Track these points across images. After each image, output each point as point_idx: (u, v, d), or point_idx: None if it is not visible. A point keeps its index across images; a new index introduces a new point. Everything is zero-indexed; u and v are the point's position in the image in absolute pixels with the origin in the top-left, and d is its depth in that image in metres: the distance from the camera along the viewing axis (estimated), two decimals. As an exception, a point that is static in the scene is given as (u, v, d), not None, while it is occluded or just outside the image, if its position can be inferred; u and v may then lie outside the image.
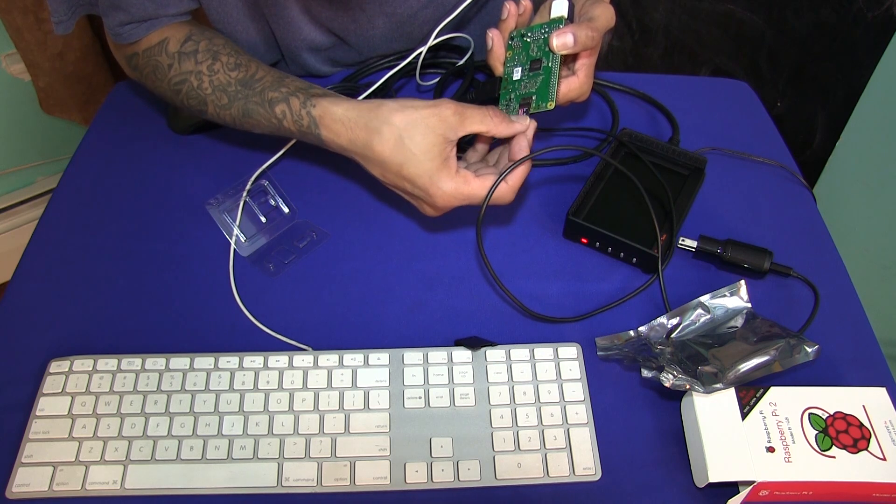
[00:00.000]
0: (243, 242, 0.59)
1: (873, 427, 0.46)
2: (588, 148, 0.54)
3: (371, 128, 0.50)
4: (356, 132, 0.50)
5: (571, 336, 0.55)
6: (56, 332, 0.54)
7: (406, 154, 0.49)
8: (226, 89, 0.55)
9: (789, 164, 0.69)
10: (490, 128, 0.51)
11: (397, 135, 0.49)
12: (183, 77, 0.56)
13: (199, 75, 0.56)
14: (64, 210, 0.63)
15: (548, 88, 0.56)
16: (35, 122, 1.33)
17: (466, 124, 0.50)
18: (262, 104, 0.54)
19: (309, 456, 0.47)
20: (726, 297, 0.55)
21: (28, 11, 1.12)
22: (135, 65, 0.60)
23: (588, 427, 0.49)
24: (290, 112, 0.53)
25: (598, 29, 0.55)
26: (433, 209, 0.52)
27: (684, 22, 1.26)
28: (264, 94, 0.54)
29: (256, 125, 0.56)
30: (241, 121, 0.56)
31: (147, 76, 0.59)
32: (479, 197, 0.50)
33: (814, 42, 1.11)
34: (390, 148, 0.49)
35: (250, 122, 0.56)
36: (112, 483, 0.46)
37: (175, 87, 0.57)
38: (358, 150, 0.51)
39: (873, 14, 1.01)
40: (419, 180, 0.49)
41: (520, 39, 0.59)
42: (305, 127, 0.53)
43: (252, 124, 0.56)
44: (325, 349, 0.53)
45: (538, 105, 0.57)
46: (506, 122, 0.52)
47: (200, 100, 0.56)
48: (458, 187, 0.50)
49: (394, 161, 0.49)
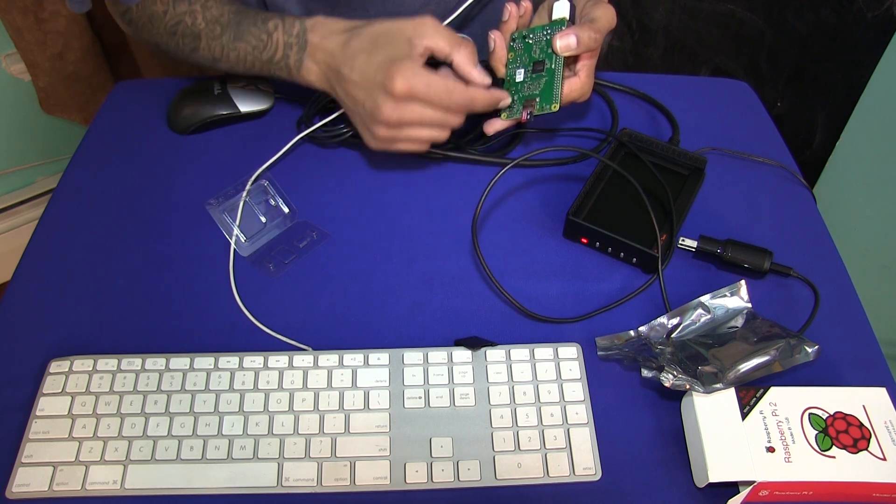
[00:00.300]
0: (243, 242, 0.59)
1: (873, 427, 0.46)
2: (587, 149, 0.54)
3: (354, 31, 0.54)
4: (340, 36, 0.54)
5: (571, 336, 0.55)
6: (56, 332, 0.54)
7: (376, 48, 0.52)
8: (219, 20, 0.58)
9: (789, 164, 0.69)
10: (453, 52, 0.54)
11: (374, 35, 0.53)
12: (178, 19, 0.58)
13: (194, 14, 0.58)
14: (64, 210, 0.63)
15: (552, 91, 0.57)
16: (35, 122, 1.33)
17: (436, 37, 0.53)
18: (255, 24, 0.57)
19: (309, 456, 0.47)
20: (726, 297, 0.55)
21: (28, 11, 1.12)
22: (129, 19, 0.61)
23: (588, 427, 0.49)
24: (283, 24, 0.56)
25: (600, 30, 0.55)
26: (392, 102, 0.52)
27: (684, 22, 1.26)
28: (258, 16, 0.57)
29: (244, 49, 0.58)
30: (230, 47, 0.58)
31: (143, 27, 0.61)
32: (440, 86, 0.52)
33: (814, 42, 1.11)
34: (364, 43, 0.53)
35: (239, 46, 0.58)
36: (112, 483, 0.46)
37: (171, 30, 0.59)
38: (337, 50, 0.54)
39: (873, 14, 1.01)
40: (383, 64, 0.52)
41: (521, 41, 0.59)
42: (294, 35, 0.55)
43: (239, 50, 0.58)
44: (325, 349, 0.53)
45: (542, 107, 0.57)
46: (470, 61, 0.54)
47: (195, 36, 0.59)
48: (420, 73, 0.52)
49: (364, 51, 0.53)
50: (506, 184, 0.66)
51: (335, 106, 0.68)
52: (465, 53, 0.54)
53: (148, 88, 0.75)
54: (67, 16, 1.16)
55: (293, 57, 0.56)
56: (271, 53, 0.57)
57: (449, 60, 0.54)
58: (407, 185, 0.66)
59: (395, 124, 0.54)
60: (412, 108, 0.53)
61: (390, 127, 0.54)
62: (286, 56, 0.57)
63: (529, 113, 0.58)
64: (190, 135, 0.69)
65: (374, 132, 0.55)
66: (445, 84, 0.52)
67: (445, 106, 0.53)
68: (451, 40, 0.53)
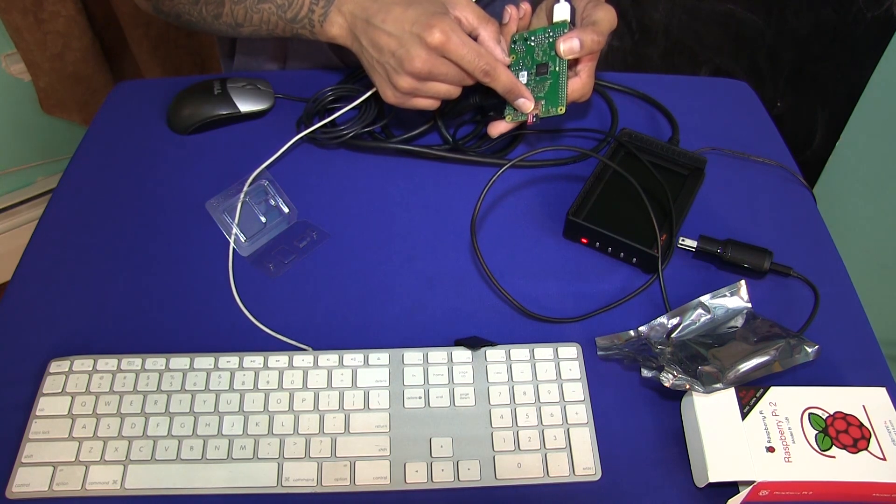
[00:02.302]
0: (243, 242, 0.59)
1: (873, 427, 0.46)
2: (586, 149, 0.54)
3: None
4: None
5: (571, 336, 0.55)
6: (56, 332, 0.54)
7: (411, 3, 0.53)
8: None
9: (789, 164, 0.69)
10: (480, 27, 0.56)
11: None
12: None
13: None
14: (64, 210, 0.63)
15: (557, 93, 0.57)
16: (35, 122, 1.33)
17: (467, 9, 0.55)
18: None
19: (309, 456, 0.47)
20: (726, 297, 0.55)
21: (28, 11, 1.12)
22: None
23: (588, 427, 0.49)
24: None
25: (602, 32, 0.56)
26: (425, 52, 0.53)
27: (684, 22, 1.26)
28: None
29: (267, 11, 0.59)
30: (253, 10, 0.59)
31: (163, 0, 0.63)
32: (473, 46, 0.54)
33: (814, 42, 1.11)
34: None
35: (262, 7, 0.59)
36: (112, 483, 0.46)
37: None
38: (368, 3, 0.55)
39: (873, 14, 1.01)
40: (422, 16, 0.53)
41: (523, 43, 0.59)
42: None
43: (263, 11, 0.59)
44: (325, 349, 0.53)
45: (548, 110, 0.57)
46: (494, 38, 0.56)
47: (218, 2, 0.60)
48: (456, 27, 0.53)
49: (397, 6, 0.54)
50: (505, 184, 0.66)
51: (335, 107, 0.68)
52: (491, 30, 0.56)
53: (148, 88, 0.75)
54: (67, 16, 1.16)
55: (318, 11, 0.57)
56: (296, 11, 0.58)
57: (475, 35, 0.56)
58: (407, 185, 0.66)
59: (423, 76, 0.55)
60: (442, 61, 0.54)
61: (417, 79, 0.55)
62: (311, 11, 0.57)
63: (535, 115, 0.58)
64: (190, 135, 0.69)
65: (398, 83, 0.56)
66: (477, 46, 0.54)
67: (471, 67, 0.55)
68: (479, 15, 0.55)
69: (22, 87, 1.27)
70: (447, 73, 0.55)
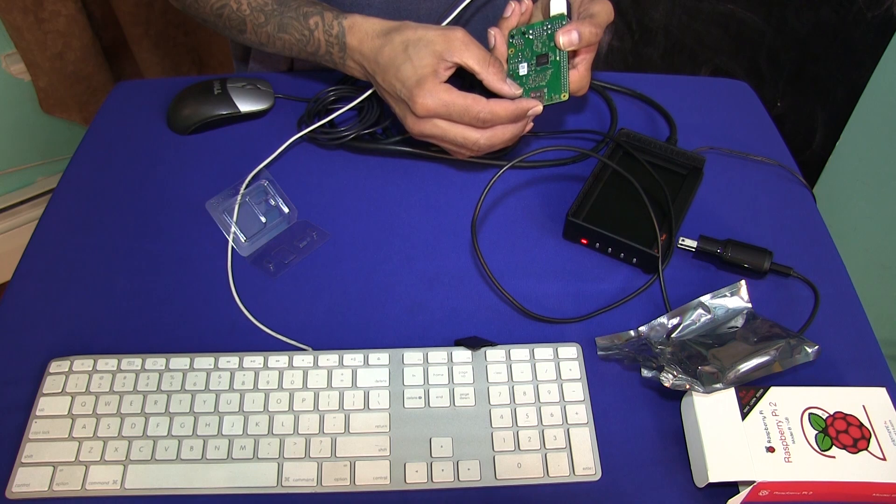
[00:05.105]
0: (243, 242, 0.59)
1: (873, 427, 0.46)
2: (586, 149, 0.54)
3: (387, 36, 0.56)
4: (375, 41, 0.57)
5: (571, 336, 0.55)
6: (56, 332, 0.54)
7: (405, 59, 0.55)
8: (263, 9, 0.60)
9: (789, 164, 0.69)
10: (482, 72, 0.56)
11: (405, 44, 0.55)
12: (224, 2, 0.61)
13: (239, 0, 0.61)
14: (64, 210, 0.63)
15: (559, 80, 0.57)
16: (35, 122, 1.33)
17: (465, 55, 0.55)
18: (297, 18, 0.60)
19: (309, 456, 0.47)
20: (727, 297, 0.55)
21: (28, 11, 1.12)
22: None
23: (588, 427, 0.49)
24: (323, 22, 0.59)
25: (599, 25, 0.57)
26: (415, 117, 0.57)
27: (684, 22, 1.26)
28: (299, 10, 0.60)
29: (289, 41, 0.61)
30: (276, 37, 0.61)
31: (189, 5, 0.64)
32: (460, 105, 0.55)
33: (814, 42, 1.11)
34: (395, 53, 0.55)
35: (284, 37, 0.61)
36: (112, 483, 0.46)
37: (216, 13, 0.62)
38: (372, 56, 0.57)
39: (873, 14, 1.01)
40: (408, 81, 0.55)
41: (521, 37, 0.59)
42: (334, 35, 0.58)
43: (285, 40, 0.61)
44: (325, 349, 0.53)
45: (551, 97, 0.58)
46: (499, 78, 0.56)
47: (240, 21, 0.61)
48: (439, 93, 0.55)
49: (394, 64, 0.55)
50: (505, 184, 0.66)
51: (335, 107, 0.68)
52: (493, 71, 0.56)
53: (148, 88, 0.75)
54: (67, 16, 1.16)
55: (336, 55, 0.60)
56: (315, 48, 0.60)
57: (478, 77, 0.56)
58: (407, 185, 0.66)
59: (419, 137, 0.59)
60: (434, 123, 0.56)
61: (418, 137, 0.59)
62: (329, 52, 0.60)
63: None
64: (190, 135, 0.69)
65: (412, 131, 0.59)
66: (465, 103, 0.55)
67: (467, 121, 0.56)
68: (479, 59, 0.55)
69: (22, 87, 1.27)
70: (444, 132, 0.57)
